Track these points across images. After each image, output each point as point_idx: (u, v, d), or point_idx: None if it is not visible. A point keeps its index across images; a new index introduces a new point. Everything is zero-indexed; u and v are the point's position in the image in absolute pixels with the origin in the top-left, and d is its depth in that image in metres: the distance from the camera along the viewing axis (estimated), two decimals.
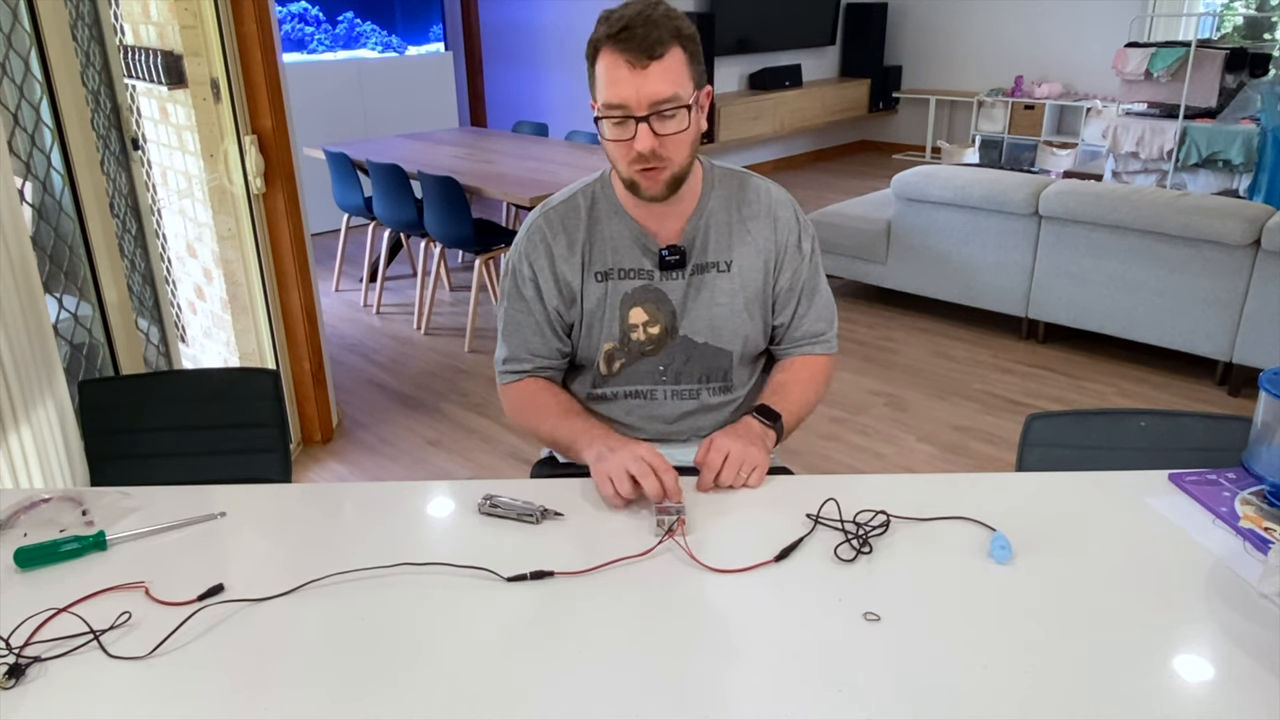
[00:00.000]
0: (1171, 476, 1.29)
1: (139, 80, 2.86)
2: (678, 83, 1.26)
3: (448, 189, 3.85)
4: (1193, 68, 5.29)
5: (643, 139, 1.26)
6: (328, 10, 6.37)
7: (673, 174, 1.32)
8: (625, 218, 1.41)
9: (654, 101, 1.24)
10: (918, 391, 3.57)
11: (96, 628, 1.00)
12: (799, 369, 1.50)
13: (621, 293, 1.42)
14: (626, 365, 1.47)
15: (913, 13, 7.86)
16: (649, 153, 1.27)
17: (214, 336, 3.15)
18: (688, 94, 1.27)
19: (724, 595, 1.06)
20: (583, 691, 0.91)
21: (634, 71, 1.23)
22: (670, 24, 1.25)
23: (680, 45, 1.26)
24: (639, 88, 1.24)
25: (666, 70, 1.24)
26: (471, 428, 3.31)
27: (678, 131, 1.28)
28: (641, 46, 1.22)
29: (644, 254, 1.42)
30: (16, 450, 1.68)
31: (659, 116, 1.26)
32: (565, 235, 1.42)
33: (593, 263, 1.42)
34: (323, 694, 0.91)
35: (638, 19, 1.23)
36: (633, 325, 1.43)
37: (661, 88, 1.24)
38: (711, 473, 1.26)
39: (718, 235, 1.42)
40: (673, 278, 1.42)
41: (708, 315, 1.43)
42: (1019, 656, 0.95)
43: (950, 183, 4.03)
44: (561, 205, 1.44)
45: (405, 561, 1.12)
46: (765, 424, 1.38)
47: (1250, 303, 3.37)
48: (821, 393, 1.52)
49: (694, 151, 1.34)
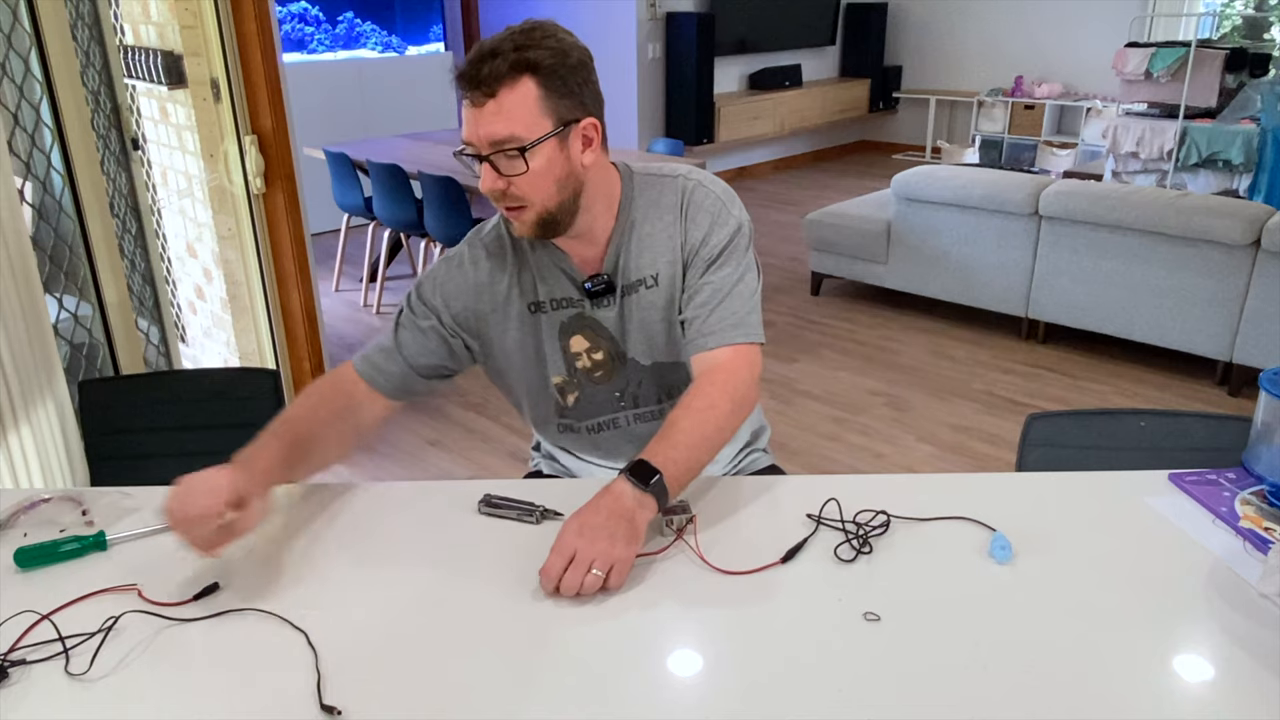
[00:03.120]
0: (1171, 476, 1.29)
1: (139, 80, 2.86)
2: (518, 121, 1.15)
3: (448, 189, 3.85)
4: (1193, 68, 5.29)
5: (485, 179, 1.19)
6: (328, 10, 6.37)
7: (537, 214, 1.22)
8: (549, 246, 1.34)
9: (491, 141, 1.16)
10: (918, 391, 3.57)
11: (90, 630, 1.00)
12: (695, 392, 1.25)
13: (557, 323, 1.35)
14: (581, 398, 1.40)
15: (913, 13, 7.86)
16: (495, 193, 1.20)
17: (214, 336, 3.15)
18: (533, 133, 1.16)
19: (725, 595, 1.06)
20: (584, 691, 0.91)
21: (472, 110, 1.17)
22: (517, 56, 1.14)
23: (533, 78, 1.15)
24: (477, 126, 1.16)
25: (503, 109, 1.15)
26: (471, 428, 3.31)
27: (520, 173, 1.18)
28: (474, 84, 1.15)
29: (571, 283, 1.34)
30: (16, 450, 1.68)
31: (502, 156, 1.17)
32: (490, 263, 1.35)
33: (523, 294, 1.35)
34: (328, 696, 0.91)
35: (484, 54, 1.15)
36: (576, 354, 1.37)
37: (496, 127, 1.15)
38: (551, 582, 1.05)
39: (639, 249, 1.33)
40: (603, 305, 1.34)
41: (645, 335, 1.35)
42: (1019, 656, 0.95)
43: (950, 183, 4.03)
44: (486, 235, 1.37)
45: (405, 562, 1.12)
46: (639, 488, 1.12)
47: (1250, 303, 3.37)
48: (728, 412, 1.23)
49: (567, 188, 1.22)
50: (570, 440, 1.46)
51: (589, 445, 1.45)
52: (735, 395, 1.25)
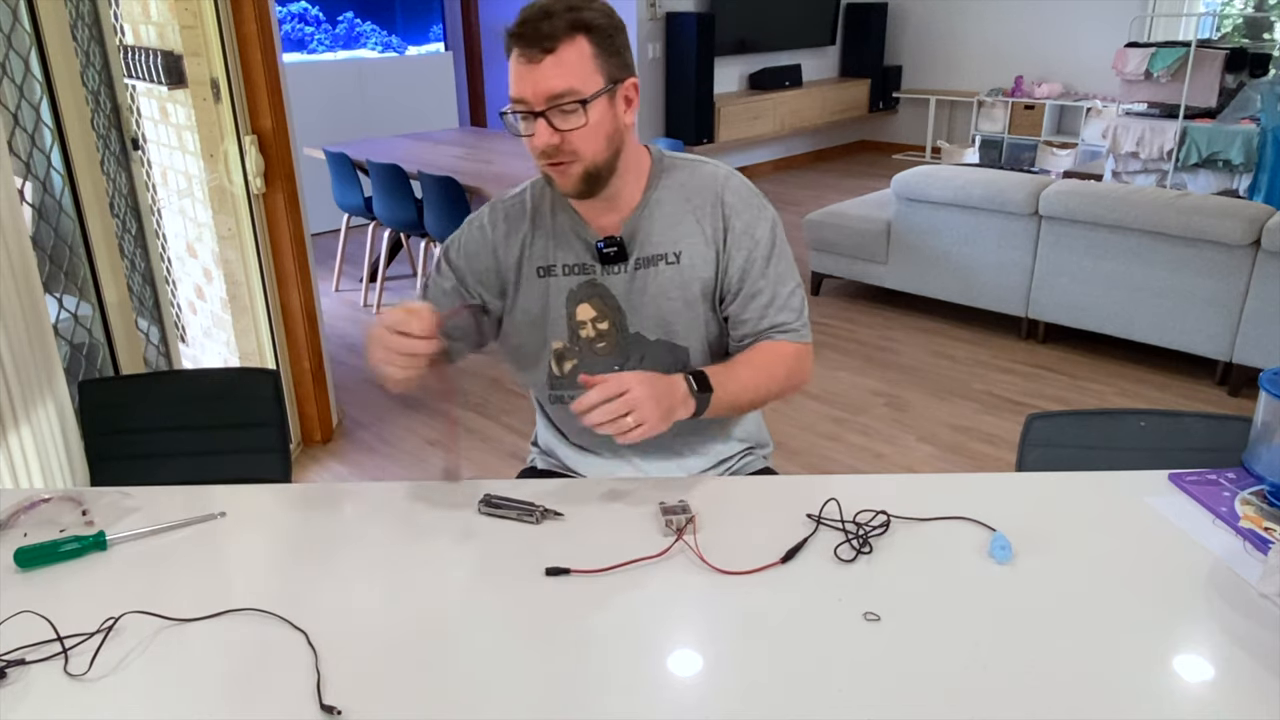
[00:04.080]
0: (1171, 476, 1.29)
1: (139, 80, 2.86)
2: (576, 76, 1.21)
3: (448, 189, 3.85)
4: (1193, 68, 5.29)
5: (540, 134, 1.24)
6: (328, 10, 6.37)
7: (585, 169, 1.27)
8: (568, 210, 1.38)
9: (550, 96, 1.21)
10: (918, 391, 3.56)
11: (89, 630, 1.00)
12: (756, 352, 1.38)
13: (566, 289, 1.39)
14: (580, 366, 1.42)
15: (913, 13, 7.86)
16: (550, 148, 1.25)
17: (214, 336, 3.15)
18: (590, 87, 1.23)
19: (726, 595, 1.06)
20: (584, 691, 0.91)
21: (529, 66, 1.21)
22: (572, 16, 1.21)
23: (586, 36, 1.22)
24: (535, 83, 1.21)
25: (561, 64, 1.21)
26: (471, 427, 3.31)
27: (577, 127, 1.24)
28: (534, 40, 1.20)
29: (585, 247, 1.38)
30: (16, 450, 1.68)
31: (558, 111, 1.22)
32: (506, 225, 1.41)
33: (533, 257, 1.40)
34: (328, 696, 0.91)
35: (536, 13, 1.21)
36: (580, 322, 1.40)
37: (555, 82, 1.21)
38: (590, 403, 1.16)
39: (664, 226, 1.37)
40: (614, 272, 1.37)
41: (656, 310, 1.38)
42: (1019, 656, 0.95)
43: (950, 183, 4.03)
44: (510, 199, 1.43)
45: (405, 562, 1.12)
46: (692, 390, 1.27)
47: (1250, 303, 3.36)
48: (782, 381, 1.39)
49: (613, 144, 1.29)
50: (560, 415, 1.48)
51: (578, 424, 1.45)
52: (791, 379, 1.39)
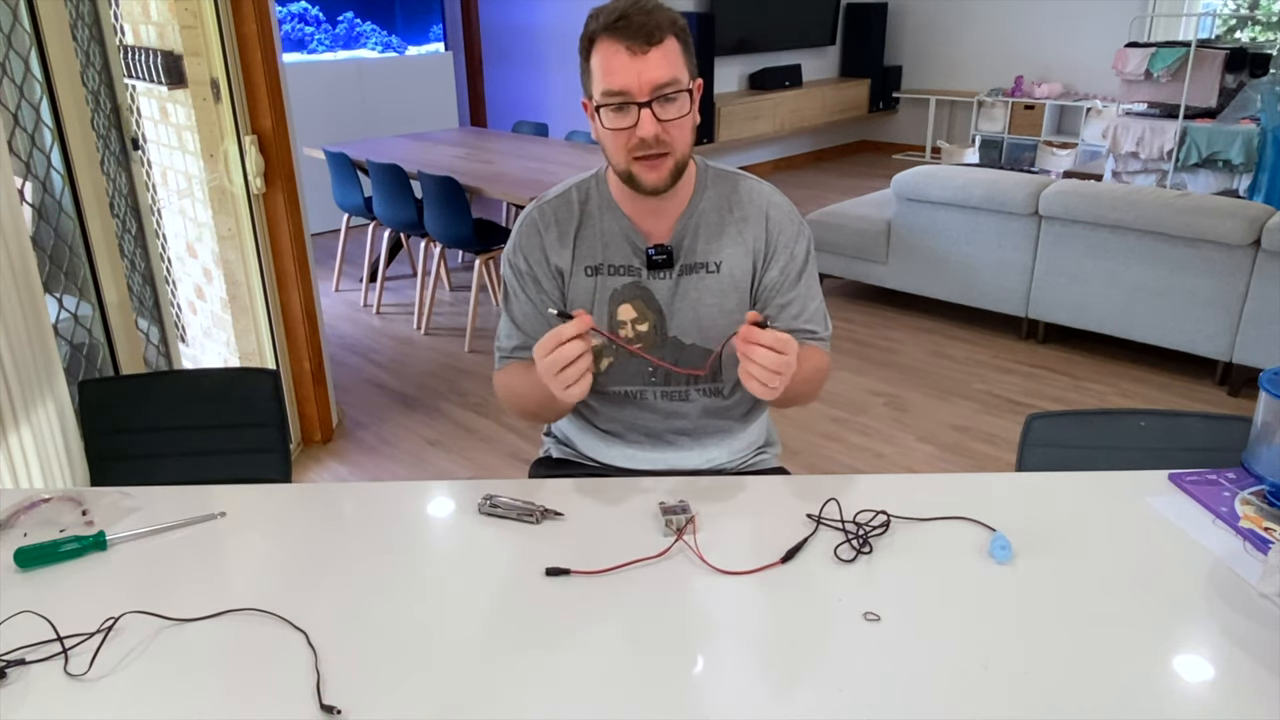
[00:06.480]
0: (1171, 476, 1.29)
1: (139, 80, 2.86)
2: (678, 67, 1.27)
3: (448, 189, 3.85)
4: (1193, 68, 5.29)
5: (646, 124, 1.26)
6: (328, 10, 6.37)
7: (675, 162, 1.31)
8: (618, 213, 1.41)
9: (656, 86, 1.25)
10: (918, 391, 3.56)
11: (89, 630, 1.00)
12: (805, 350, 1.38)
13: (610, 289, 1.42)
14: (615, 364, 1.46)
15: (913, 13, 7.86)
16: (652, 139, 1.27)
17: (214, 336, 3.15)
18: (686, 79, 1.28)
19: (726, 595, 1.06)
20: (584, 691, 0.91)
21: (634, 57, 1.24)
22: (664, 14, 1.26)
23: (675, 35, 1.27)
24: (640, 73, 1.24)
25: (666, 55, 1.25)
26: (471, 428, 3.31)
27: (680, 116, 1.28)
28: (640, 33, 1.24)
29: (633, 251, 1.42)
30: (16, 450, 1.68)
31: (661, 101, 1.26)
32: (557, 227, 1.43)
33: (582, 256, 1.42)
34: (328, 696, 0.91)
35: (633, 9, 1.25)
36: (621, 322, 1.43)
37: (662, 72, 1.25)
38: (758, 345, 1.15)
39: (708, 235, 1.42)
40: (660, 277, 1.41)
41: (695, 316, 1.42)
42: (1019, 656, 0.95)
43: (950, 183, 4.03)
44: (555, 199, 1.45)
45: (405, 562, 1.12)
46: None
47: (1250, 303, 3.36)
48: (816, 384, 1.45)
49: (692, 141, 1.34)
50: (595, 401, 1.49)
51: (610, 411, 1.49)
52: (820, 384, 1.47)
